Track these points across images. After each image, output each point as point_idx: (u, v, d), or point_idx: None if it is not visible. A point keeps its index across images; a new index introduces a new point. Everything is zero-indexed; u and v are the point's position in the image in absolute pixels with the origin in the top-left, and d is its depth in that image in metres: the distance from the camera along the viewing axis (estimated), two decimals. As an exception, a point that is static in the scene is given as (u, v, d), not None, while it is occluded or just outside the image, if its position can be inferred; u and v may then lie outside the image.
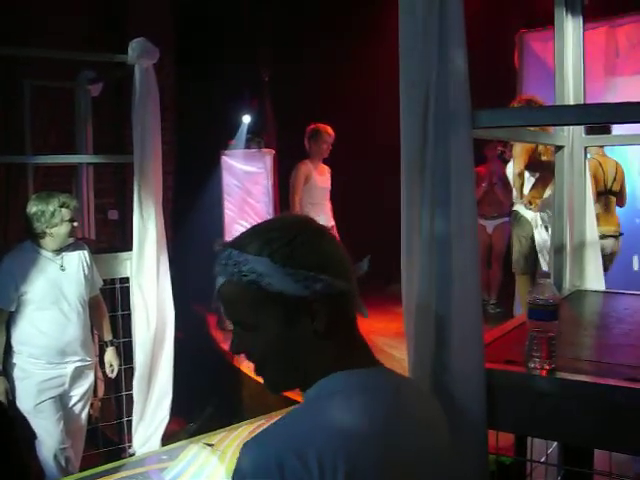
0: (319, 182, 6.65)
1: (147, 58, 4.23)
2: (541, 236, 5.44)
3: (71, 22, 6.43)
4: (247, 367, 5.37)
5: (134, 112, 4.28)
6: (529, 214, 5.68)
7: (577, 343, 1.99)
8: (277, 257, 1.22)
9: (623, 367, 1.74)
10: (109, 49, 4.91)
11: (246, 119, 7.12)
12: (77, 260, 3.86)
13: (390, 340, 6.24)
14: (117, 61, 4.46)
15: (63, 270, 3.78)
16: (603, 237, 5.48)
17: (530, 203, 5.74)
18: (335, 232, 6.76)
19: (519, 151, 5.70)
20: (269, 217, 6.68)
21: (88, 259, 3.92)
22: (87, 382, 3.94)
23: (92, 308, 4.00)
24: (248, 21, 7.23)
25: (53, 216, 3.66)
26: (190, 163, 7.15)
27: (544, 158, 5.71)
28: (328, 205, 6.78)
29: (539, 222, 5.45)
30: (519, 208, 5.91)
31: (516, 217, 5.92)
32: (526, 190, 5.88)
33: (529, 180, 5.95)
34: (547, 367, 1.68)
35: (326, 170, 6.78)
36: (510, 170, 6.21)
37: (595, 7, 2.94)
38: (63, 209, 3.69)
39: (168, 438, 4.57)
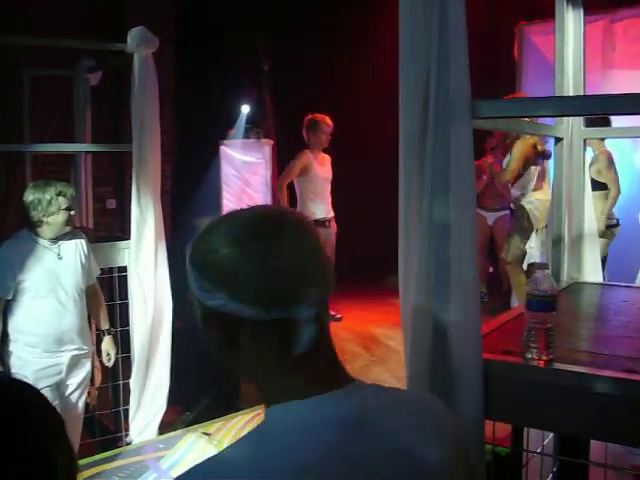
0: (320, 172, 6.66)
1: (146, 47, 4.22)
2: (540, 239, 5.48)
3: (70, 10, 6.41)
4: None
5: (133, 101, 4.27)
6: (537, 212, 5.74)
7: (575, 334, 1.99)
8: (194, 259, 1.08)
9: (620, 359, 1.75)
10: (108, 38, 4.89)
11: (245, 109, 7.12)
12: (74, 249, 3.85)
13: (388, 331, 6.28)
14: (116, 50, 4.44)
15: (60, 259, 3.77)
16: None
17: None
18: (334, 223, 6.80)
19: (517, 155, 5.75)
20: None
21: (85, 248, 3.91)
22: (84, 371, 3.93)
23: (89, 297, 3.99)
24: (248, 11, 7.22)
25: (50, 204, 3.65)
26: (189, 153, 7.15)
27: (540, 148, 5.76)
28: (329, 195, 6.80)
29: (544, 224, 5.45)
30: (526, 204, 5.97)
31: (523, 213, 5.99)
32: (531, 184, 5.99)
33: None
34: (545, 358, 1.69)
35: (327, 160, 6.79)
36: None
37: (594, 0, 2.93)
38: (60, 198, 3.68)
39: (165, 427, 4.58)
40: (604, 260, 5.81)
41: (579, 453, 2.26)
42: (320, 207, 6.68)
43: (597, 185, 5.72)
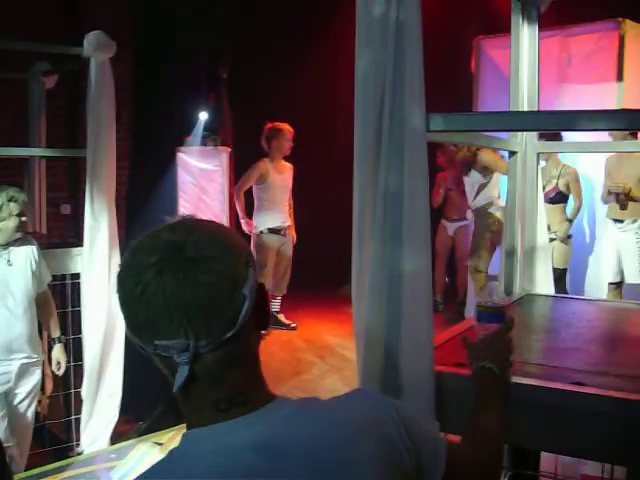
0: (277, 181, 6.66)
1: (103, 51, 4.19)
2: None
3: (26, 12, 6.32)
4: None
5: (89, 106, 4.23)
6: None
7: (526, 346, 2.01)
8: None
9: (570, 371, 1.77)
10: (66, 41, 4.83)
11: (203, 116, 7.07)
12: (24, 255, 3.79)
13: (343, 340, 6.29)
14: (73, 53, 4.40)
15: (10, 265, 3.71)
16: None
17: None
18: (292, 232, 6.81)
19: (496, 159, 5.88)
20: (223, 215, 6.72)
21: (36, 254, 3.85)
22: (33, 379, 3.86)
23: (40, 304, 3.93)
24: (207, 18, 7.19)
25: (0, 210, 3.60)
26: (145, 159, 7.08)
27: (499, 153, 5.94)
28: (286, 204, 6.79)
29: None
30: (494, 211, 6.09)
31: (493, 220, 6.11)
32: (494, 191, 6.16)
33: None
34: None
35: (287, 168, 6.79)
36: (471, 180, 6.38)
37: (550, 16, 2.98)
38: (11, 203, 3.63)
39: (117, 437, 4.52)
40: (566, 272, 5.93)
41: (530, 464, 2.28)
42: (276, 216, 6.69)
43: (561, 197, 5.87)
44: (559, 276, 5.90)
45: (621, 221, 5.69)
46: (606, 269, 5.83)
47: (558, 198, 5.85)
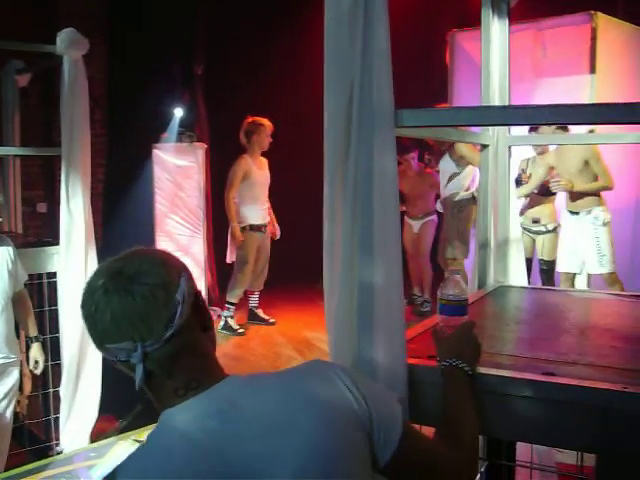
0: (259, 177, 6.65)
1: (76, 49, 4.17)
2: None
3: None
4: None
5: (62, 103, 4.22)
6: None
7: (498, 338, 2.03)
8: None
9: (540, 361, 1.79)
10: (40, 38, 4.80)
11: (178, 112, 7.06)
12: (0, 255, 3.76)
13: (321, 335, 6.27)
14: (45, 51, 4.38)
15: (-15, 266, 3.68)
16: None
17: None
18: (270, 228, 6.82)
19: (472, 153, 5.89)
20: (200, 211, 6.71)
21: (12, 254, 3.82)
22: (11, 380, 3.84)
23: (17, 304, 3.90)
24: (182, 14, 7.17)
25: (-26, 210, 3.58)
26: (121, 156, 7.06)
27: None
28: (266, 200, 6.79)
29: None
30: (461, 198, 6.14)
31: (468, 206, 6.17)
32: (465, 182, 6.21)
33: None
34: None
35: (264, 163, 6.78)
36: (445, 167, 6.43)
37: (522, 10, 3.00)
38: (-15, 203, 3.61)
39: (97, 435, 4.51)
40: (555, 263, 5.97)
41: (506, 454, 2.31)
42: (258, 212, 6.69)
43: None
44: (549, 268, 5.94)
45: (577, 213, 5.65)
46: (562, 259, 5.82)
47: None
